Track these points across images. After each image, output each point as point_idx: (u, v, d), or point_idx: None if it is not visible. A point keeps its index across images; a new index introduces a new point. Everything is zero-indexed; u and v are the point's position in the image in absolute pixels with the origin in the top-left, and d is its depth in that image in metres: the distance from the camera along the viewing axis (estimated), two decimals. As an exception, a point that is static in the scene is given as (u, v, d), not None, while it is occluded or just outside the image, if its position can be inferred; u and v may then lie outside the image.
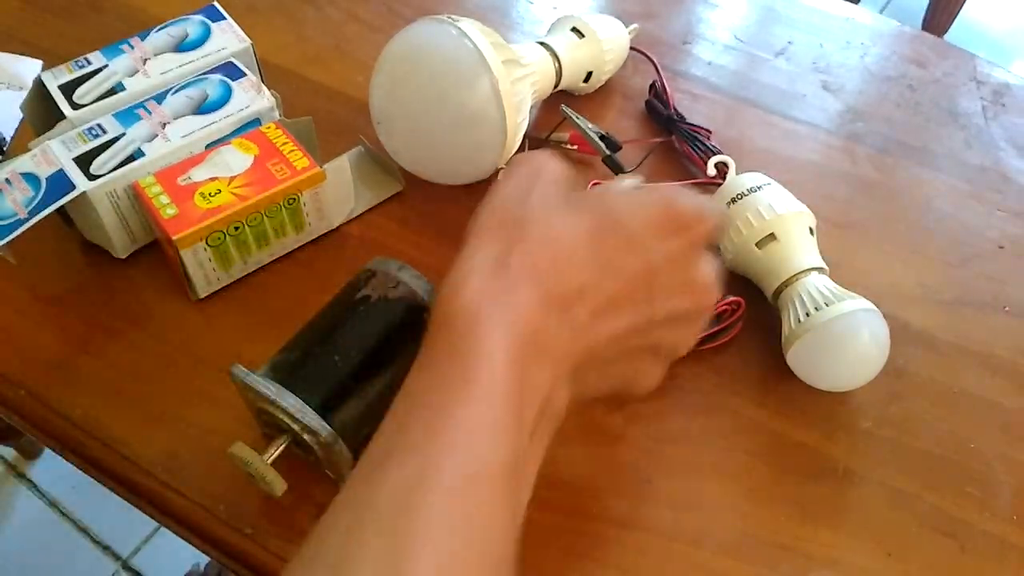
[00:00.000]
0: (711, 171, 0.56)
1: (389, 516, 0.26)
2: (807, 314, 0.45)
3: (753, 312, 0.51)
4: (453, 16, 0.52)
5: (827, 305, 0.45)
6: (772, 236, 0.49)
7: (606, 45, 0.61)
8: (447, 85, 0.51)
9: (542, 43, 0.59)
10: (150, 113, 0.52)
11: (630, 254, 0.34)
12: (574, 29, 0.61)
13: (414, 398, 0.30)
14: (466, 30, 0.50)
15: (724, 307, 0.49)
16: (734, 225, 0.50)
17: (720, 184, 0.54)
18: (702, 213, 0.36)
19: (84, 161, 0.49)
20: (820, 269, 0.48)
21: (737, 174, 0.54)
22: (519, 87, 0.53)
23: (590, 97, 0.64)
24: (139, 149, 0.50)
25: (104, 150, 0.50)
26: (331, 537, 0.27)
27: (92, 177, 0.48)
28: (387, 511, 0.26)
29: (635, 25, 0.65)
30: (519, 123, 0.53)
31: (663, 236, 0.35)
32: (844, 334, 0.45)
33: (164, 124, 0.51)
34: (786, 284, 0.48)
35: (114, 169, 0.49)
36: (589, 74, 0.61)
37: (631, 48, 0.64)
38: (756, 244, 0.49)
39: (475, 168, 0.55)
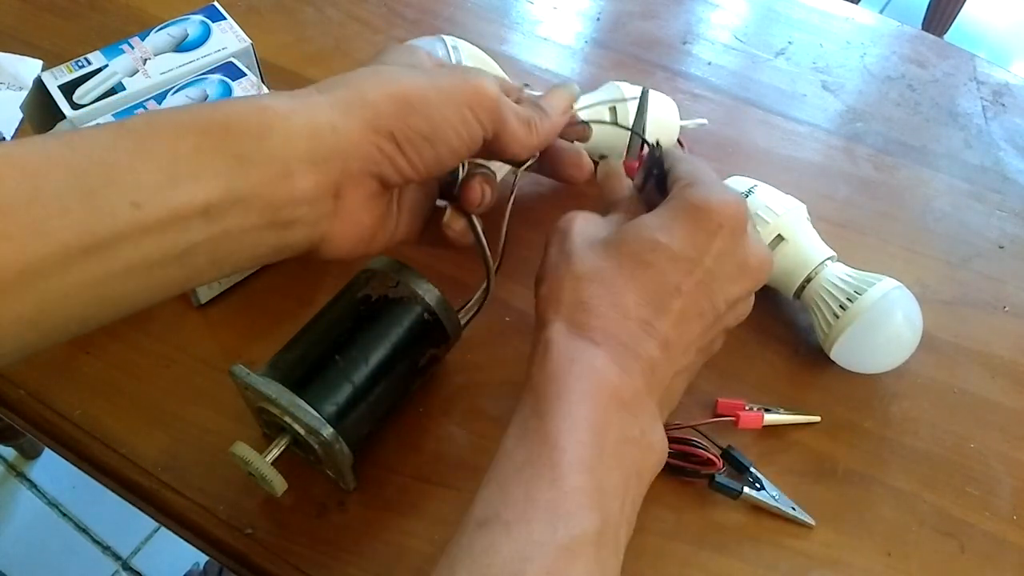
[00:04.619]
0: None
1: None
2: (842, 307, 0.46)
3: (753, 313, 0.51)
4: (445, 36, 0.52)
5: (859, 293, 0.46)
6: (780, 237, 0.49)
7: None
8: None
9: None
10: (150, 113, 0.52)
11: (679, 271, 0.36)
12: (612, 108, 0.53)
13: (512, 461, 0.32)
14: (458, 47, 0.50)
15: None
16: None
17: None
18: (731, 202, 0.37)
19: (84, 161, 0.49)
20: (832, 257, 0.48)
21: (733, 175, 0.54)
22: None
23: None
24: (139, 149, 0.50)
25: (104, 150, 0.49)
26: None
27: (92, 177, 0.48)
28: None
29: (703, 120, 0.57)
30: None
31: (704, 240, 0.36)
32: (885, 316, 0.46)
33: (164, 124, 0.51)
34: (807, 280, 0.48)
35: (114, 169, 0.49)
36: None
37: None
38: None
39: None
